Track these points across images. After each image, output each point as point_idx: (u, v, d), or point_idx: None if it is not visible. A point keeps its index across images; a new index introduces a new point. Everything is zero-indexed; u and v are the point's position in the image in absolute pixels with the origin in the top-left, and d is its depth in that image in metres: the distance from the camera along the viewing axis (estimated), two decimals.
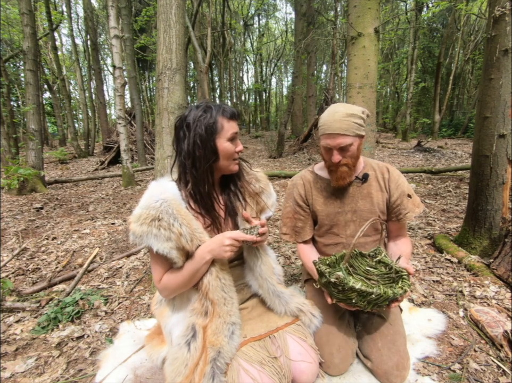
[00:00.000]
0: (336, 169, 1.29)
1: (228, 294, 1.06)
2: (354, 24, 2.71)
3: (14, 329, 1.70)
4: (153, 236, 0.95)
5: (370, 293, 1.02)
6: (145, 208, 0.97)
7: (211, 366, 0.95)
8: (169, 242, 0.96)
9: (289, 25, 23.65)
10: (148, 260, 2.51)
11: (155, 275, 1.07)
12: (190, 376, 0.94)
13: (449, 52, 15.41)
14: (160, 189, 1.01)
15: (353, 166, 1.29)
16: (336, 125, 1.20)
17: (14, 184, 4.87)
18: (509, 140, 2.09)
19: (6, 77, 7.08)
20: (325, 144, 1.26)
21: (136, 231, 0.95)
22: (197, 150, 1.00)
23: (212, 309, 1.04)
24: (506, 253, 1.97)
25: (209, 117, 1.00)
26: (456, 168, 5.97)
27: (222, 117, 1.01)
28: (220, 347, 0.99)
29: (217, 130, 1.00)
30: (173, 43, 2.20)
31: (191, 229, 1.00)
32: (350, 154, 1.25)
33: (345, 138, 1.21)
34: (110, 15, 5.57)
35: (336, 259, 1.26)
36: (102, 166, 9.02)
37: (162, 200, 0.97)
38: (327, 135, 1.24)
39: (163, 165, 2.23)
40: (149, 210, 0.96)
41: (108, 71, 21.89)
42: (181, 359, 0.98)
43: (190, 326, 1.03)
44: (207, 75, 9.01)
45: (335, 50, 11.91)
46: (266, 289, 1.20)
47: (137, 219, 0.96)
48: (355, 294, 1.05)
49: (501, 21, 2.02)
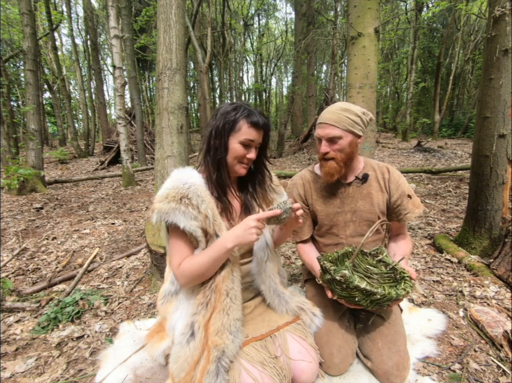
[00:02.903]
0: (325, 164, 1.29)
1: (236, 288, 1.07)
2: (354, 24, 2.71)
3: (14, 329, 1.69)
4: (181, 213, 0.96)
5: (374, 293, 1.03)
6: (172, 188, 1.00)
7: (216, 365, 0.96)
8: (196, 221, 0.98)
9: (289, 25, 23.63)
10: (148, 260, 2.51)
11: (175, 259, 1.05)
12: (191, 373, 0.96)
13: (449, 52, 15.41)
14: (187, 174, 1.06)
15: (342, 163, 1.28)
16: (327, 116, 1.24)
17: (14, 184, 4.88)
18: (509, 140, 2.09)
19: (6, 77, 7.08)
20: (316, 135, 1.30)
21: (163, 208, 0.97)
22: (212, 140, 1.06)
23: (213, 301, 1.03)
24: (506, 253, 1.97)
25: (233, 116, 1.04)
26: (456, 168, 5.97)
27: (244, 121, 1.04)
28: (224, 346, 0.99)
29: (233, 129, 1.04)
30: (173, 43, 2.20)
31: (214, 213, 1.04)
32: (339, 148, 1.25)
33: (334, 129, 1.23)
34: (110, 15, 5.57)
35: (338, 256, 1.26)
36: (102, 166, 9.02)
37: (190, 183, 1.02)
38: (318, 125, 1.28)
39: (163, 165, 2.23)
40: (178, 189, 0.99)
41: (108, 71, 21.87)
42: (183, 357, 0.99)
43: (189, 324, 1.03)
44: (207, 75, 9.01)
45: (335, 50, 11.89)
46: (268, 286, 1.20)
47: (164, 198, 0.98)
48: (359, 293, 1.06)
49: (501, 21, 2.02)
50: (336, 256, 1.25)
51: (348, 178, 1.38)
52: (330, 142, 1.25)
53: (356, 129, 1.24)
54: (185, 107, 2.30)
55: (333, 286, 1.13)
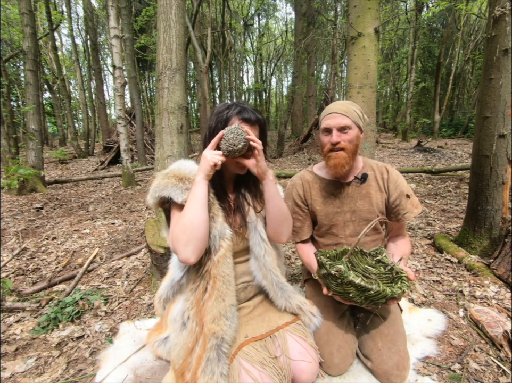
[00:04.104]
0: (335, 155, 1.27)
1: (230, 274, 1.08)
2: (354, 24, 2.72)
3: (14, 329, 1.69)
4: (179, 189, 1.02)
5: (369, 289, 1.03)
6: (174, 169, 1.07)
7: (217, 352, 0.98)
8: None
9: (289, 25, 23.63)
10: (148, 260, 2.51)
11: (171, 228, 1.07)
12: (188, 359, 0.99)
13: (450, 52, 15.41)
14: (190, 164, 1.12)
15: (351, 154, 1.27)
16: (337, 107, 1.26)
17: (14, 184, 4.87)
18: (509, 140, 2.09)
19: (6, 77, 7.08)
20: (325, 126, 1.28)
21: (162, 182, 1.03)
22: (207, 140, 1.08)
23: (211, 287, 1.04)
24: (506, 253, 1.97)
25: (225, 114, 1.06)
26: (456, 168, 5.97)
27: (236, 118, 1.06)
28: (223, 333, 1.01)
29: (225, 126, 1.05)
30: (173, 43, 2.21)
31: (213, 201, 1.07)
32: (349, 138, 1.25)
33: (345, 119, 1.24)
34: (110, 15, 5.57)
35: (336, 254, 1.26)
36: (102, 166, 9.02)
37: (192, 169, 1.09)
38: (327, 116, 1.28)
39: (163, 165, 2.23)
40: (179, 171, 1.06)
41: (108, 71, 21.87)
42: (180, 345, 1.03)
43: (181, 313, 1.07)
44: (207, 75, 9.01)
45: (335, 50, 11.90)
46: (270, 280, 1.19)
47: (165, 175, 1.05)
48: (354, 288, 1.06)
49: (501, 21, 2.02)
50: (334, 253, 1.25)
51: (347, 178, 1.38)
52: (341, 131, 1.26)
53: (360, 123, 1.28)
54: (185, 107, 2.30)
55: (328, 281, 1.13)
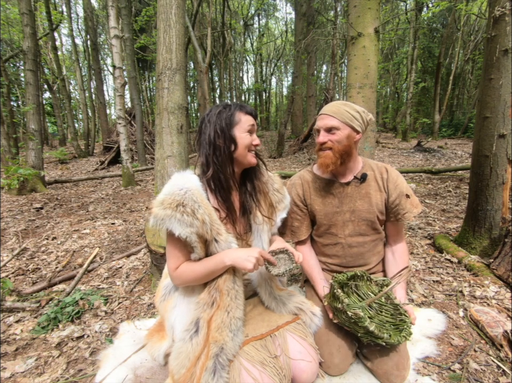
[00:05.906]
0: (321, 154, 1.31)
1: (237, 288, 1.08)
2: (354, 24, 2.71)
3: (14, 329, 1.69)
4: (176, 221, 0.98)
5: (381, 337, 1.08)
6: (168, 194, 1.02)
7: (213, 362, 0.97)
8: (191, 227, 0.99)
9: (289, 25, 23.62)
10: (148, 260, 2.51)
11: (171, 263, 1.09)
12: (191, 369, 0.98)
13: (450, 52, 15.40)
14: (184, 179, 1.07)
15: (338, 154, 1.28)
16: (327, 108, 1.29)
17: (14, 184, 4.87)
18: (509, 140, 2.09)
19: (6, 77, 7.08)
20: (315, 126, 1.34)
21: (159, 214, 0.99)
22: (217, 139, 1.08)
23: (219, 300, 1.05)
24: (506, 253, 1.97)
25: (228, 111, 1.09)
26: (456, 168, 5.97)
27: (240, 112, 1.10)
28: (223, 343, 1.00)
29: (235, 122, 1.09)
30: (173, 43, 2.20)
31: (212, 219, 1.04)
32: (336, 139, 1.27)
33: (332, 120, 1.26)
34: (110, 15, 5.57)
35: (347, 278, 1.27)
36: (102, 166, 9.02)
37: (186, 189, 1.03)
38: (318, 117, 1.33)
39: (163, 165, 2.23)
40: (173, 196, 1.00)
41: (108, 71, 21.87)
42: (185, 353, 1.00)
43: (194, 321, 1.05)
44: (207, 75, 9.01)
45: (335, 50, 11.89)
46: (263, 289, 1.22)
47: (160, 203, 1.00)
48: (364, 331, 1.10)
49: (501, 21, 2.02)
50: (345, 278, 1.26)
51: (346, 178, 1.38)
52: (328, 132, 1.28)
53: (354, 124, 1.26)
54: (185, 107, 2.30)
55: (339, 314, 1.15)
